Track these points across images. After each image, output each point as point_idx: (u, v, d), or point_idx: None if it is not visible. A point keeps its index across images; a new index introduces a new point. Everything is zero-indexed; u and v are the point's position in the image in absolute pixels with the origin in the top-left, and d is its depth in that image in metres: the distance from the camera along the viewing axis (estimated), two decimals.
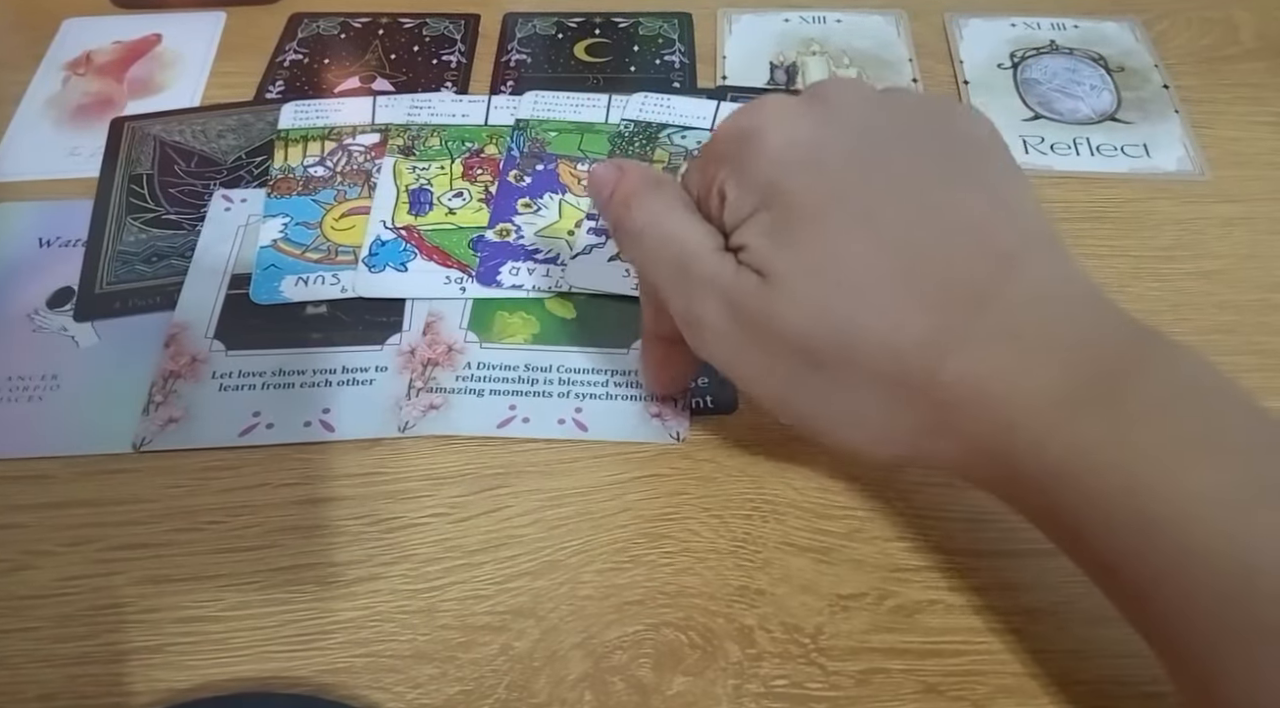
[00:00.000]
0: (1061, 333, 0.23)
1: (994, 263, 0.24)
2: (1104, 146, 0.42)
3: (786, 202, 0.25)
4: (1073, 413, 0.22)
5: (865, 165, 0.25)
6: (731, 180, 0.26)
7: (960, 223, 0.24)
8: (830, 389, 0.25)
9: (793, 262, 0.24)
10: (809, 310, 0.24)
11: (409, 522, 0.31)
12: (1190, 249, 0.38)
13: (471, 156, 0.41)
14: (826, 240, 0.24)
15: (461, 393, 0.34)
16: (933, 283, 0.23)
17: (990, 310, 0.23)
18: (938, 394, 0.23)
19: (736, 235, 0.25)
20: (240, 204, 0.40)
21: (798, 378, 0.25)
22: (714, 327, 0.26)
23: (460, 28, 0.48)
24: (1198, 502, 0.21)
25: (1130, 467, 0.21)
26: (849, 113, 0.26)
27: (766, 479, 0.32)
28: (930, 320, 0.23)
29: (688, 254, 0.26)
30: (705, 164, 0.27)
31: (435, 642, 0.28)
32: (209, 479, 0.32)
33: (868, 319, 0.24)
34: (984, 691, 0.27)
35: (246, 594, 0.29)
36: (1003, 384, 0.23)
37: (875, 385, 0.24)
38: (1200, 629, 0.21)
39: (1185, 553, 0.21)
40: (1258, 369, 0.34)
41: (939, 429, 0.24)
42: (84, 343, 0.36)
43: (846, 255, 0.24)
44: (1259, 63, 0.46)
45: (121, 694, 0.27)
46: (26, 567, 0.30)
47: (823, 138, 0.25)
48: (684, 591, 0.29)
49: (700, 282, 0.26)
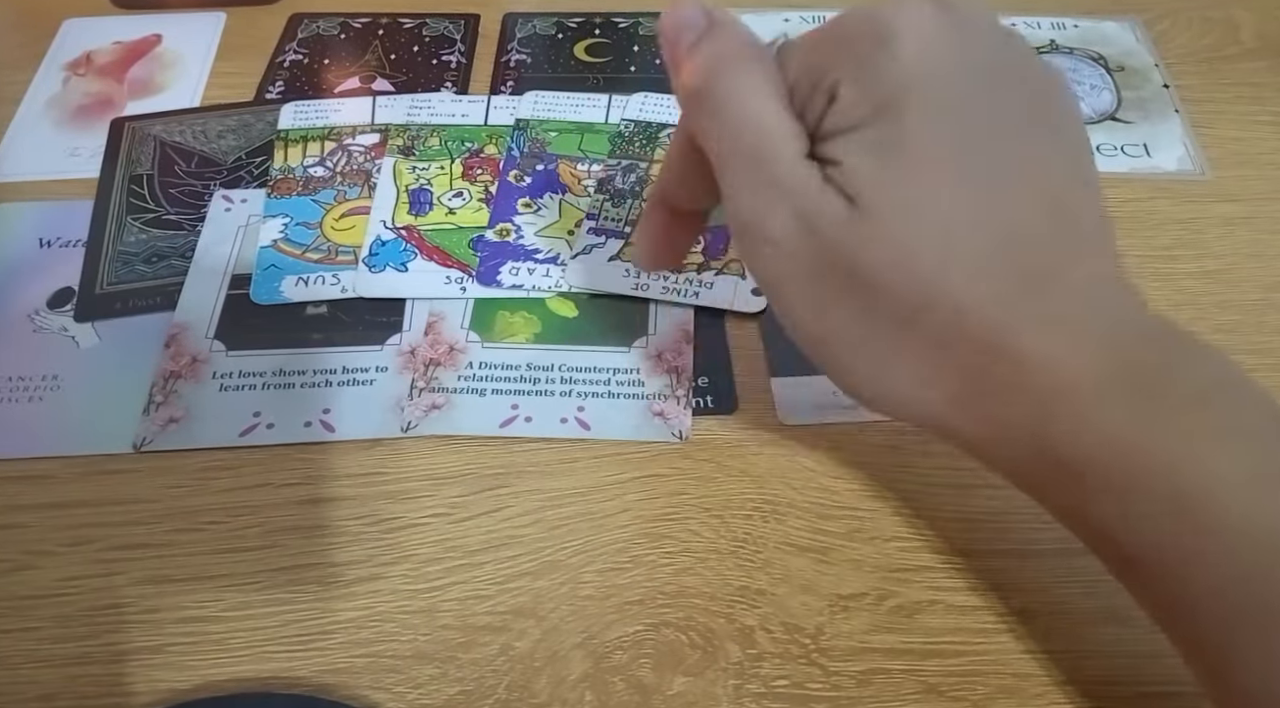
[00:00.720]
0: (1109, 322, 0.23)
1: (1067, 245, 0.23)
2: (1104, 146, 0.42)
3: (903, 125, 0.22)
4: (1112, 399, 0.22)
5: (989, 108, 0.23)
6: (850, 80, 0.23)
7: (1052, 199, 0.23)
8: (883, 335, 0.23)
9: (895, 196, 0.22)
10: (898, 254, 0.22)
11: (409, 522, 0.31)
12: (1191, 248, 0.38)
13: (471, 156, 0.41)
14: (933, 183, 0.22)
15: (464, 393, 0.34)
16: (1017, 254, 0.23)
17: (1054, 291, 0.23)
18: (992, 364, 0.23)
19: (833, 144, 0.23)
20: (240, 204, 0.40)
21: (852, 317, 0.23)
22: (780, 241, 0.23)
23: (460, 28, 0.48)
24: (1228, 486, 0.21)
25: (1164, 452, 0.21)
26: (983, 44, 0.24)
27: (767, 479, 0.32)
28: (1006, 290, 0.23)
29: (771, 150, 0.23)
30: (817, 53, 0.24)
31: (436, 642, 0.28)
32: (209, 479, 0.32)
33: (953, 276, 0.22)
34: (984, 691, 0.27)
35: (247, 595, 0.29)
36: (1052, 365, 0.22)
37: (930, 342, 0.23)
38: (1219, 615, 0.21)
39: (1213, 535, 0.21)
40: (1258, 369, 0.34)
41: (979, 399, 0.23)
42: (84, 343, 0.36)
43: (952, 206, 0.22)
44: (1259, 62, 0.46)
45: (122, 695, 0.27)
46: (27, 567, 0.30)
47: (957, 64, 0.23)
48: (684, 591, 0.29)
49: (778, 186, 0.23)
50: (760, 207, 0.23)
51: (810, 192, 0.23)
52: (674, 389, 0.34)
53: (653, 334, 0.35)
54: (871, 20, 0.23)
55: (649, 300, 0.36)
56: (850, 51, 0.23)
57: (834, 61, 0.23)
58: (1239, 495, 0.21)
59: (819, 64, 0.23)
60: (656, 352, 0.35)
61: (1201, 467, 0.21)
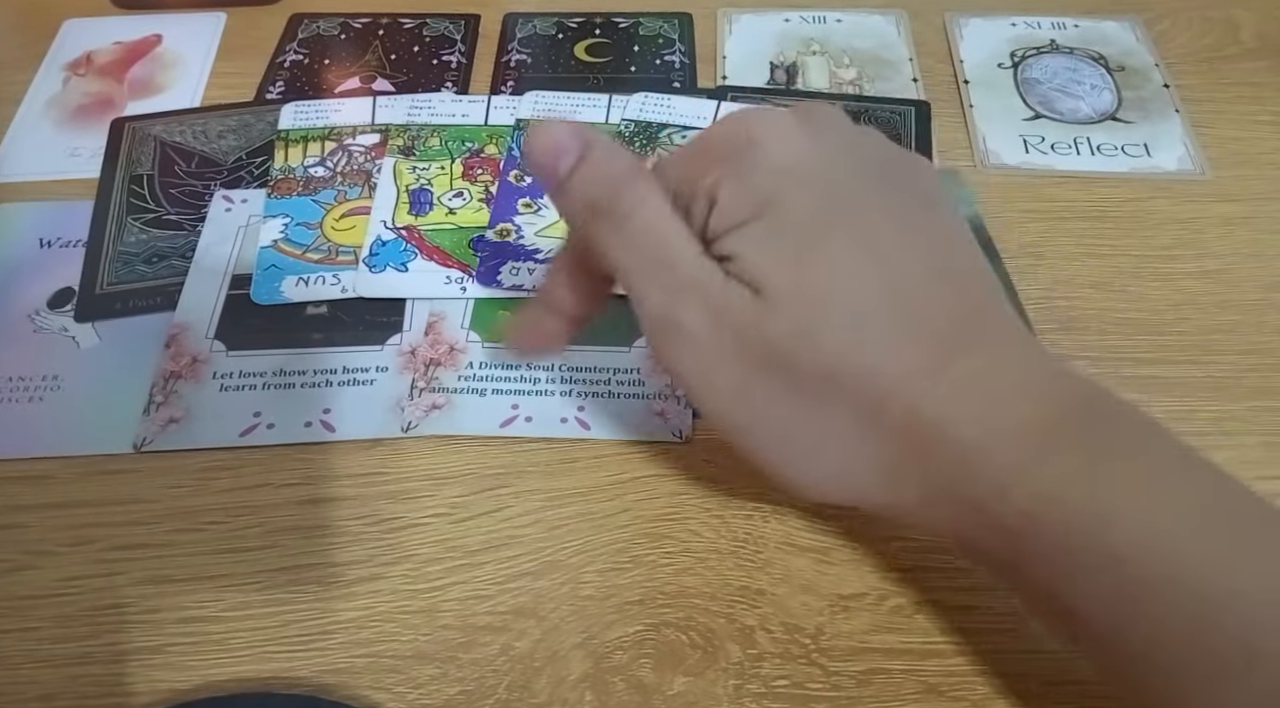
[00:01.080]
0: (1027, 381, 0.24)
1: (971, 309, 0.24)
2: (1104, 146, 0.42)
3: (786, 215, 0.24)
4: (1035, 455, 0.22)
5: (862, 193, 0.25)
6: (727, 184, 0.25)
7: (945, 267, 0.25)
8: (801, 415, 0.24)
9: (791, 279, 0.24)
10: (803, 330, 0.24)
11: (410, 522, 0.31)
12: (1191, 248, 0.38)
13: (471, 156, 0.41)
14: (828, 262, 0.24)
15: (464, 392, 0.34)
16: (922, 321, 0.24)
17: (968, 354, 0.24)
18: (913, 431, 0.23)
19: (723, 242, 0.24)
20: (241, 204, 0.40)
21: (769, 399, 0.24)
22: (693, 334, 0.24)
23: (460, 28, 0.48)
24: (1159, 535, 0.21)
25: (1093, 505, 0.22)
26: (842, 140, 0.26)
27: (767, 479, 0.32)
28: (917, 356, 0.23)
29: (675, 254, 0.25)
30: (691, 164, 0.26)
31: (436, 642, 0.28)
32: (210, 480, 0.32)
33: (861, 347, 0.24)
34: (984, 691, 0.27)
35: (247, 595, 0.29)
36: (976, 426, 0.23)
37: (851, 415, 0.24)
38: (1163, 666, 0.21)
39: (1148, 585, 0.21)
40: (1258, 369, 0.34)
41: (905, 467, 0.24)
42: (85, 343, 0.36)
43: (847, 280, 0.24)
44: (1259, 62, 0.46)
45: (122, 695, 0.27)
46: (27, 567, 0.30)
47: (822, 158, 0.25)
48: (685, 591, 0.29)
49: (685, 284, 0.24)
50: (673, 304, 0.25)
51: (717, 285, 0.24)
52: (674, 389, 0.34)
53: None
54: (736, 128, 0.25)
55: None
56: (723, 157, 0.25)
57: (709, 168, 0.25)
58: (1171, 545, 0.21)
59: (695, 174, 0.25)
60: None
61: (1132, 519, 0.21)
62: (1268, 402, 0.34)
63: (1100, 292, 0.37)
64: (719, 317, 0.24)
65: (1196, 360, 0.35)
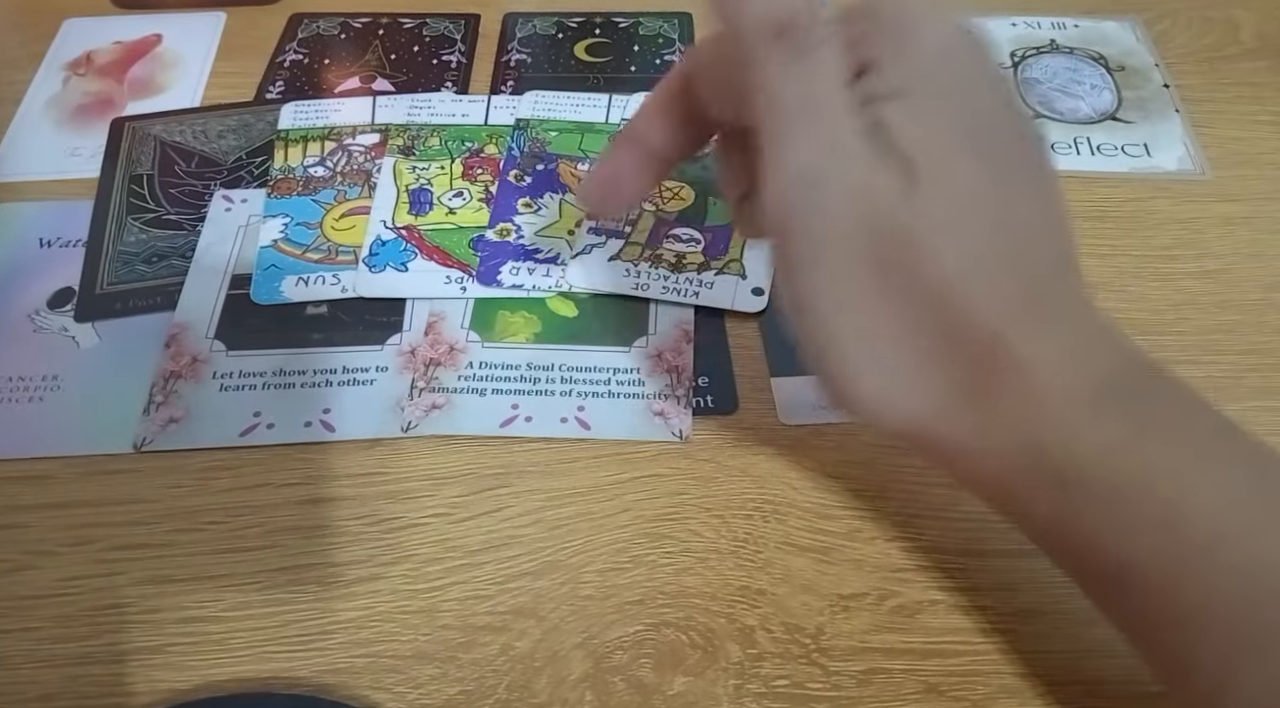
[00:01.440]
0: (1100, 333, 0.24)
1: (1065, 261, 0.24)
2: (1104, 146, 0.42)
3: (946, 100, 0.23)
4: (1108, 407, 0.22)
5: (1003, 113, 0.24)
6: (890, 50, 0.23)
7: (1053, 213, 0.24)
8: (892, 317, 0.23)
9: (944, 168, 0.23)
10: (943, 225, 0.22)
11: (410, 522, 0.31)
12: (1191, 248, 0.38)
13: (471, 156, 0.41)
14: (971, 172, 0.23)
15: (464, 392, 0.34)
16: (1028, 259, 0.23)
17: (1055, 304, 0.23)
18: (995, 360, 0.23)
19: (878, 107, 0.23)
20: (241, 204, 0.40)
21: (868, 292, 0.23)
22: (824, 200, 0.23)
23: (460, 28, 0.48)
24: (1219, 505, 0.21)
25: (1158, 464, 0.22)
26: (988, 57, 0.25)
27: (767, 479, 0.32)
28: (1015, 291, 0.23)
29: (840, 107, 0.23)
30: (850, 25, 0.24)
31: (436, 642, 0.28)
32: (210, 479, 0.32)
33: (980, 265, 0.23)
34: (984, 690, 0.27)
35: (247, 595, 0.29)
36: (1056, 372, 0.23)
37: (941, 330, 0.23)
38: (1214, 633, 0.21)
39: (1205, 551, 0.21)
40: (1258, 369, 0.34)
41: (974, 396, 0.23)
42: (84, 343, 0.35)
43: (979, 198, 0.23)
44: (1259, 62, 0.46)
45: (122, 695, 0.27)
46: (27, 567, 0.30)
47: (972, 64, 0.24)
48: (685, 591, 0.29)
49: (839, 145, 0.23)
50: (820, 161, 0.23)
51: (866, 157, 0.23)
52: (674, 389, 0.34)
53: (653, 334, 0.35)
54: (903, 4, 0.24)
55: (649, 300, 0.36)
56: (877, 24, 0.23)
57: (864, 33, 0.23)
58: (1233, 515, 0.21)
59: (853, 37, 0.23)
60: (656, 351, 0.35)
61: (1193, 483, 0.22)
62: (1268, 402, 0.34)
63: (1100, 292, 0.37)
64: (860, 190, 0.23)
65: (1197, 360, 0.35)
